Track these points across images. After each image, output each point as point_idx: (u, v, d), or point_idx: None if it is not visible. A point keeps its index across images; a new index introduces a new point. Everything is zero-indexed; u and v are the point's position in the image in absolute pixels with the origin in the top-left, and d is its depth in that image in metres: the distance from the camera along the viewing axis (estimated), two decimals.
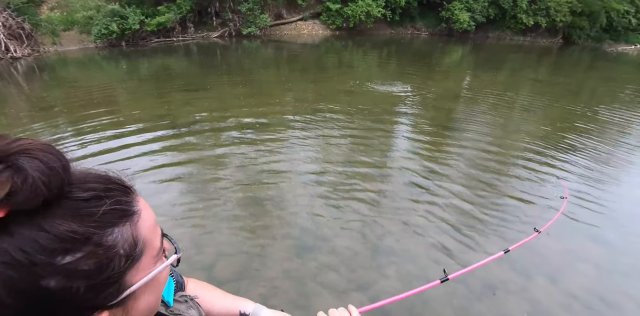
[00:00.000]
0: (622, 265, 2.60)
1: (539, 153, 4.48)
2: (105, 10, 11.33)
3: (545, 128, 5.54)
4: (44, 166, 0.30)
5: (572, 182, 3.76)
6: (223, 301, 0.76)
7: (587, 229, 2.99)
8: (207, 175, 3.58)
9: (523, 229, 2.89)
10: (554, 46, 19.03)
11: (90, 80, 7.89)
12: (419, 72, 9.64)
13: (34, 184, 0.29)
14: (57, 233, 0.30)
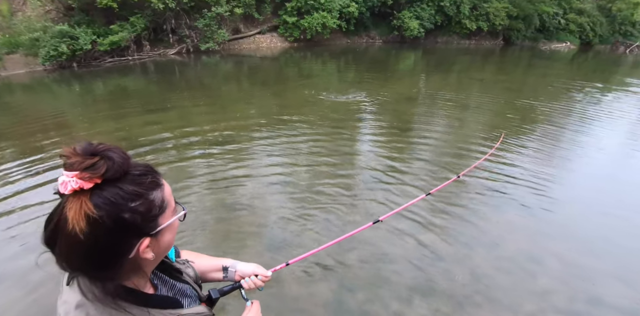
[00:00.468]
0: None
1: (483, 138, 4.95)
2: (52, 31, 10.86)
3: (493, 118, 6.09)
4: (119, 156, 0.56)
5: (509, 153, 4.21)
6: (209, 261, 1.05)
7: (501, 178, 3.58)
8: (173, 187, 3.60)
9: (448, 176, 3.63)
10: (496, 47, 20.69)
11: (39, 106, 7.55)
12: (375, 78, 10.15)
13: (116, 165, 0.55)
14: (128, 191, 0.57)
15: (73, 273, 0.63)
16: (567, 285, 2.50)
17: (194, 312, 0.77)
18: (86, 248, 0.55)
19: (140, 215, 0.58)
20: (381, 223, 1.34)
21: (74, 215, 0.53)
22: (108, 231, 0.55)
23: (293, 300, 2.33)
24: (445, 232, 3.03)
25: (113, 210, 0.55)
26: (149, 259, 0.63)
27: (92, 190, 0.54)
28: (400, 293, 2.37)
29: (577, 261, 2.74)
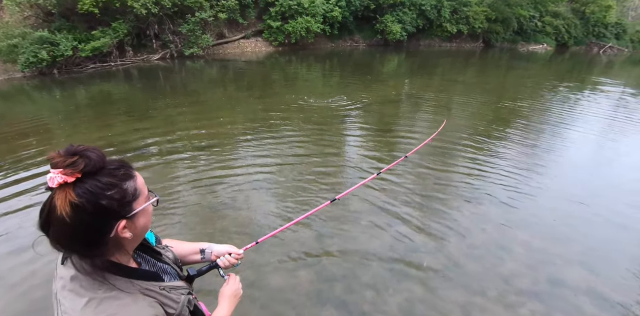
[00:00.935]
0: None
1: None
2: (32, 38, 10.69)
3: (468, 116, 6.32)
4: (95, 155, 0.68)
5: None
6: (188, 246, 1.18)
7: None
8: (159, 190, 3.64)
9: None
10: (476, 49, 21.31)
11: (19, 114, 7.43)
12: (359, 81, 10.35)
13: (92, 162, 0.67)
14: (104, 182, 0.69)
15: (65, 252, 0.76)
16: (531, 269, 2.66)
17: (174, 285, 0.89)
18: (72, 229, 0.67)
19: (116, 201, 0.71)
20: (339, 201, 1.57)
21: (60, 203, 0.66)
22: (89, 214, 0.68)
23: (278, 291, 2.42)
24: (420, 223, 3.17)
25: (92, 197, 0.67)
26: (127, 238, 0.76)
27: (75, 183, 0.67)
28: (376, 282, 2.49)
29: (542, 247, 2.91)
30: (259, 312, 2.25)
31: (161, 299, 0.83)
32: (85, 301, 0.72)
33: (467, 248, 2.86)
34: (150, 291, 0.81)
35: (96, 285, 0.73)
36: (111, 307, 0.72)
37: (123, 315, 0.72)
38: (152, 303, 0.79)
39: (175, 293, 0.88)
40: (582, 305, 2.38)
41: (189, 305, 0.92)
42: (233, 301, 1.10)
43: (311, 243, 2.90)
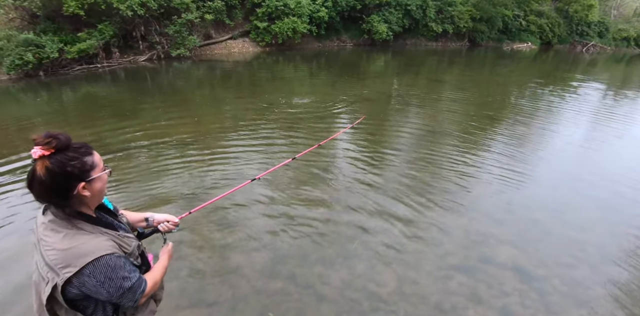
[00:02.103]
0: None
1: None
2: (17, 40, 10.80)
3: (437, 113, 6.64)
4: (64, 138, 1.02)
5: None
6: (136, 215, 1.50)
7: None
8: (147, 191, 3.90)
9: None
10: (462, 48, 21.72)
11: (4, 115, 7.59)
12: (347, 81, 10.65)
13: (61, 142, 1.01)
14: (69, 155, 1.03)
15: (43, 203, 1.09)
16: (464, 248, 2.97)
17: (127, 235, 1.24)
18: (47, 186, 1.01)
19: (77, 169, 1.04)
20: (258, 180, 2.08)
21: (39, 168, 1.00)
22: (58, 175, 1.01)
23: (236, 267, 2.71)
24: (374, 206, 3.47)
25: (60, 165, 1.01)
26: (87, 196, 1.09)
27: (50, 155, 1.00)
28: (324, 260, 2.78)
29: (479, 230, 3.22)
30: (217, 285, 2.53)
31: (117, 241, 1.17)
32: (63, 235, 1.06)
33: (409, 230, 3.17)
34: (108, 234, 1.15)
35: (69, 225, 1.08)
36: (82, 238, 1.07)
37: (90, 243, 1.07)
38: (110, 239, 1.13)
39: (127, 240, 1.23)
40: (504, 278, 2.69)
41: (138, 249, 1.27)
42: (167, 256, 1.44)
43: (271, 224, 3.18)
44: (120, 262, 1.10)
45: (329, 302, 2.40)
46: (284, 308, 2.35)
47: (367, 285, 2.55)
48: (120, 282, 1.09)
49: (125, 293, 1.12)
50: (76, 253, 1.03)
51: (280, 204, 3.59)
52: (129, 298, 1.15)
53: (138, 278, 1.16)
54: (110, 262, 1.07)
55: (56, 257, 1.04)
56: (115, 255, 1.09)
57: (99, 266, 1.05)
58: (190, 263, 2.74)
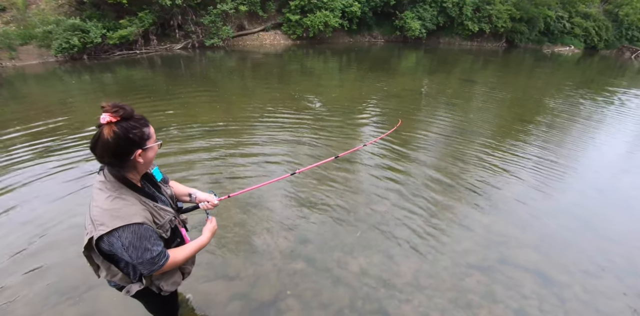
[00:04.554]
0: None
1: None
2: (65, 25, 11.47)
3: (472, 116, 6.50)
4: (129, 108, 1.17)
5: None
6: (183, 189, 1.62)
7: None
8: (177, 173, 4.10)
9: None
10: (499, 49, 20.88)
11: (50, 94, 8.13)
12: (376, 77, 10.58)
13: (126, 112, 1.16)
14: (131, 124, 1.17)
15: (103, 163, 1.22)
16: (485, 247, 2.95)
17: (163, 208, 1.35)
18: (111, 148, 1.14)
19: (137, 137, 1.18)
20: (297, 175, 2.00)
21: (107, 131, 1.12)
22: (122, 140, 1.14)
23: (259, 246, 2.85)
24: (398, 200, 3.49)
25: (125, 131, 1.14)
26: (140, 163, 1.22)
27: (116, 122, 1.13)
28: (343, 246, 2.85)
29: (501, 231, 3.18)
30: (241, 262, 2.67)
31: (151, 211, 1.29)
32: (107, 196, 1.20)
33: (429, 225, 3.18)
34: (145, 204, 1.27)
35: (114, 188, 1.21)
36: (120, 203, 1.19)
37: (126, 209, 1.19)
38: (146, 209, 1.25)
39: (162, 212, 1.34)
40: (523, 281, 2.66)
41: (170, 223, 1.37)
42: (210, 235, 1.53)
43: (293, 212, 3.28)
44: (147, 233, 1.20)
45: (345, 286, 2.47)
46: (301, 288, 2.44)
47: (384, 274, 2.60)
48: (141, 252, 1.19)
49: (144, 262, 1.23)
50: (113, 215, 1.16)
51: (304, 190, 3.68)
52: (145, 267, 1.25)
53: (159, 252, 1.25)
54: (137, 231, 1.18)
55: (97, 214, 1.18)
56: (145, 225, 1.20)
57: (127, 232, 1.16)
58: (216, 240, 2.89)
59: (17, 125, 5.77)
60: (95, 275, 1.39)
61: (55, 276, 2.49)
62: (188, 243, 1.44)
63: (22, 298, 2.34)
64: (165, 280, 1.44)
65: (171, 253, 1.33)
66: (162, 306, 1.65)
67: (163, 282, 1.43)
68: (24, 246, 2.79)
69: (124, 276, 1.35)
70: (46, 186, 3.72)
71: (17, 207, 3.34)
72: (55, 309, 2.26)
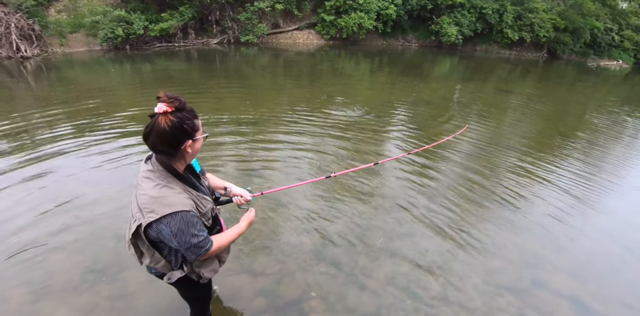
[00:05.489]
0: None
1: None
2: (111, 16, 12.05)
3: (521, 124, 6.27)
4: (184, 100, 1.19)
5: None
6: (219, 182, 1.66)
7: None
8: (213, 166, 4.21)
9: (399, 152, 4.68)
10: (539, 60, 20.00)
11: (93, 80, 8.56)
12: (408, 82, 10.42)
13: (181, 103, 1.18)
14: (185, 115, 1.20)
15: (155, 151, 1.24)
16: (517, 268, 2.81)
17: (204, 197, 1.38)
18: (166, 136, 1.16)
19: (190, 127, 1.20)
20: (334, 178, 2.00)
21: (163, 120, 1.15)
22: (176, 129, 1.17)
23: (286, 245, 2.86)
24: (424, 213, 3.41)
25: (179, 121, 1.17)
26: (189, 153, 1.26)
27: (171, 112, 1.15)
28: (370, 252, 2.81)
29: (536, 252, 3.02)
30: (267, 258, 2.69)
31: (195, 200, 1.31)
32: (155, 184, 1.22)
33: (461, 238, 3.07)
34: (190, 192, 1.30)
35: (162, 177, 1.24)
36: (168, 191, 1.22)
37: (174, 197, 1.22)
38: (190, 197, 1.28)
39: (204, 201, 1.37)
40: (558, 307, 2.52)
41: (211, 211, 1.38)
42: (247, 223, 1.56)
43: (322, 212, 3.27)
44: (194, 220, 1.24)
45: (371, 293, 2.43)
46: (326, 291, 2.43)
47: (411, 285, 2.54)
48: (189, 237, 1.23)
49: (192, 247, 1.26)
50: (161, 202, 1.19)
51: (334, 194, 3.67)
52: (193, 252, 1.28)
53: (205, 237, 1.29)
54: (185, 218, 1.20)
55: (146, 201, 1.20)
56: (191, 213, 1.23)
57: (176, 219, 1.19)
58: (244, 236, 2.92)
59: (61, 104, 6.31)
60: (137, 261, 1.43)
61: (90, 254, 2.60)
62: (227, 230, 1.48)
63: (58, 272, 2.46)
64: (205, 267, 1.50)
65: (214, 239, 1.37)
66: (199, 293, 1.71)
67: (203, 269, 1.49)
68: (57, 218, 2.99)
69: (166, 264, 1.39)
70: (81, 160, 4.07)
71: (49, 179, 3.63)
72: (92, 286, 2.37)
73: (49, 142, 4.56)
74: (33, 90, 7.51)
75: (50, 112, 5.76)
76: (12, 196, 3.32)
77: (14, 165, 3.90)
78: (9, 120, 5.30)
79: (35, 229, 2.88)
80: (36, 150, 4.30)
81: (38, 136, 4.76)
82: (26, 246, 2.69)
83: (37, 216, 3.04)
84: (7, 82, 8.08)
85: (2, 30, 10.36)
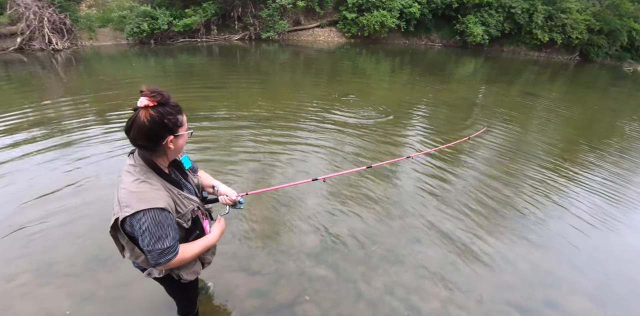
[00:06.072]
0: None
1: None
2: (138, 11, 12.38)
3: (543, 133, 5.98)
4: (167, 95, 1.16)
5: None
6: (209, 180, 1.63)
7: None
8: (223, 156, 4.28)
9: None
10: (570, 62, 19.04)
11: (119, 73, 8.83)
12: (428, 82, 10.15)
13: (164, 98, 1.15)
14: (167, 110, 1.17)
15: (136, 146, 1.21)
16: (529, 286, 2.63)
17: (188, 196, 1.35)
18: (146, 131, 1.14)
19: (171, 123, 1.17)
20: (322, 181, 2.12)
21: (144, 115, 1.12)
22: (157, 124, 1.14)
23: (285, 245, 2.82)
24: (431, 220, 3.27)
25: (160, 116, 1.14)
26: (171, 149, 1.23)
27: (153, 107, 1.13)
28: (370, 260, 2.71)
29: (552, 269, 2.83)
30: (265, 257, 2.66)
31: (175, 199, 1.25)
32: (134, 179, 1.20)
33: (469, 251, 2.92)
34: (170, 191, 1.26)
35: (142, 172, 1.21)
36: (146, 187, 1.19)
37: (151, 193, 1.18)
38: (169, 195, 1.24)
39: (186, 201, 1.33)
40: None
41: (192, 212, 1.33)
42: (219, 234, 1.50)
43: (324, 216, 3.20)
44: (166, 221, 1.18)
45: (367, 302, 2.35)
46: (321, 296, 2.36)
47: (410, 296, 2.42)
48: (154, 239, 1.17)
49: (153, 251, 1.20)
50: (138, 197, 1.16)
51: (340, 196, 3.59)
52: (153, 258, 1.22)
53: (171, 246, 1.22)
54: (157, 217, 1.16)
55: (124, 196, 1.18)
56: (165, 212, 1.18)
57: (147, 217, 1.15)
58: (246, 233, 2.90)
59: (89, 93, 6.73)
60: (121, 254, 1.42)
61: (96, 242, 2.65)
62: (195, 242, 1.39)
63: (63, 258, 2.52)
64: (185, 269, 1.45)
65: (181, 249, 1.29)
66: (182, 292, 1.67)
67: (183, 271, 1.44)
68: (67, 201, 3.09)
69: (146, 259, 1.36)
70: (105, 146, 4.29)
71: (73, 164, 3.82)
72: (93, 273, 2.41)
73: (76, 128, 4.90)
74: (63, 81, 7.85)
75: (79, 100, 6.15)
76: (39, 177, 3.53)
77: (43, 149, 4.18)
78: (40, 108, 5.71)
79: (47, 209, 3.02)
80: (64, 135, 4.63)
81: (66, 122, 5.13)
82: (29, 224, 2.81)
83: (48, 196, 3.18)
84: (39, 72, 8.48)
85: (36, 24, 10.83)
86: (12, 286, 2.29)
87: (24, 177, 3.53)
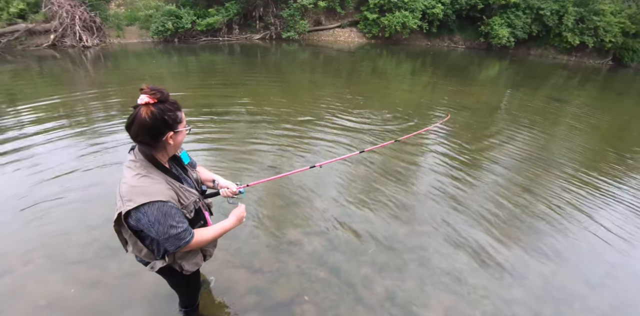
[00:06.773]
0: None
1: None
2: (163, 10, 12.75)
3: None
4: (166, 93, 1.20)
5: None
6: (208, 174, 1.66)
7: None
8: (229, 153, 4.35)
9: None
10: (602, 67, 18.10)
11: (144, 69, 9.14)
12: (449, 85, 9.92)
13: (163, 95, 1.19)
14: (167, 107, 1.21)
15: (136, 142, 1.24)
16: (539, 301, 2.50)
17: (189, 189, 1.38)
18: (147, 127, 1.17)
19: (171, 119, 1.21)
20: (329, 169, 1.96)
21: (144, 111, 1.16)
22: (157, 120, 1.18)
23: (288, 244, 2.82)
24: (446, 233, 3.17)
25: (161, 112, 1.18)
26: (170, 144, 1.27)
27: (153, 104, 1.16)
28: (374, 263, 2.66)
29: (564, 285, 2.68)
30: (268, 255, 2.66)
31: (177, 192, 1.31)
32: (135, 173, 1.23)
33: (478, 260, 2.81)
34: (171, 184, 1.30)
35: (143, 167, 1.25)
36: (147, 181, 1.22)
37: (152, 187, 1.22)
38: (171, 188, 1.28)
39: (187, 194, 1.37)
40: None
41: (194, 204, 1.39)
42: (236, 220, 1.51)
43: (332, 215, 3.17)
44: (172, 211, 1.23)
45: (366, 307, 2.30)
46: (320, 297, 2.33)
47: (411, 304, 2.36)
48: (167, 228, 1.23)
49: (170, 238, 1.25)
50: (139, 191, 1.19)
51: (350, 197, 3.55)
52: (172, 243, 1.28)
53: (185, 229, 1.28)
54: (162, 208, 1.20)
55: (125, 190, 1.22)
56: (169, 203, 1.22)
57: (153, 209, 1.19)
58: (250, 230, 2.92)
59: (115, 86, 7.18)
60: (124, 248, 1.46)
61: (109, 231, 2.72)
62: (213, 225, 1.45)
63: (75, 245, 2.61)
64: (187, 260, 1.49)
65: (196, 232, 1.35)
66: (184, 284, 1.72)
67: (185, 262, 1.48)
68: (82, 194, 3.18)
69: (148, 253, 1.41)
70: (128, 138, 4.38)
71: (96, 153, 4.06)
72: (102, 262, 2.49)
73: (101, 119, 5.24)
74: (91, 76, 8.24)
75: (106, 94, 6.54)
76: (62, 160, 3.84)
77: (71, 138, 4.51)
78: (70, 98, 6.18)
79: (65, 186, 3.30)
80: (91, 126, 4.94)
81: (93, 112, 5.54)
82: (47, 199, 3.03)
83: (67, 175, 3.46)
84: (69, 68, 8.91)
85: (68, 22, 11.34)
86: (26, 270, 2.40)
87: (49, 159, 3.86)
